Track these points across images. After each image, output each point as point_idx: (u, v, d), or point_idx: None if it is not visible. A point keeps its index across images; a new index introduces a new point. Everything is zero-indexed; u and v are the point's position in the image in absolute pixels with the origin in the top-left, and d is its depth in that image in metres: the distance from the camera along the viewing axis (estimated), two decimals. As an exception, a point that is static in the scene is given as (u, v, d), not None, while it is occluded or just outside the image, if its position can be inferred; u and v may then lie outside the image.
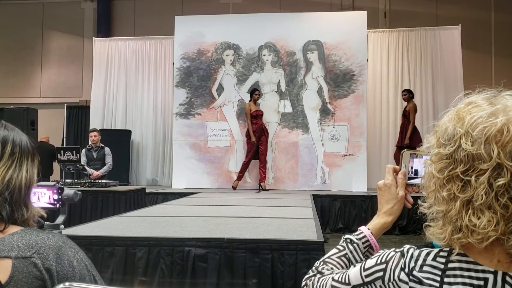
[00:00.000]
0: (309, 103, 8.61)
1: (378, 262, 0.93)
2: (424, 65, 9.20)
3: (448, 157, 0.84)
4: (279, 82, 8.72)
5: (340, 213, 7.19)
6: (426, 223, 0.90)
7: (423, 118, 9.07)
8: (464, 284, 0.83)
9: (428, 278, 0.85)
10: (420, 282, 0.86)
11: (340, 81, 8.55)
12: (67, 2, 11.95)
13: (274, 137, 8.64)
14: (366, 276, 0.94)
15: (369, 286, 0.93)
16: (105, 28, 11.53)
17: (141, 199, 6.80)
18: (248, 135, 8.26)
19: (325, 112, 8.55)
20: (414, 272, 0.87)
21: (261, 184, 8.18)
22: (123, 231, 3.22)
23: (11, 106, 9.06)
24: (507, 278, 0.81)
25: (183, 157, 8.79)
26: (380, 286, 0.92)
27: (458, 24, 9.06)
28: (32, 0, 12.11)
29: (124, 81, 9.94)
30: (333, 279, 1.00)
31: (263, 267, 2.68)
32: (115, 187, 6.60)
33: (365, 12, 8.77)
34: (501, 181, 0.78)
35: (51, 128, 11.00)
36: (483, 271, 0.82)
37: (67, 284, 0.90)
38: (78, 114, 11.22)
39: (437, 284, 0.84)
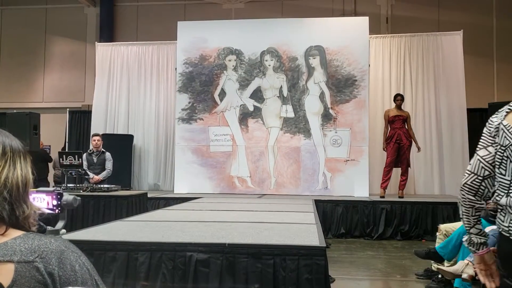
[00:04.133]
0: (311, 108, 8.62)
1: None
2: (426, 70, 9.19)
3: None
4: (281, 87, 8.73)
5: (342, 218, 7.17)
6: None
7: (425, 123, 9.09)
8: None
9: None
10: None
11: (342, 86, 8.55)
12: (70, 7, 12.01)
13: (276, 142, 8.64)
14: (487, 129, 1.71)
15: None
16: (108, 33, 11.57)
17: (143, 204, 6.79)
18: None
19: (327, 117, 8.55)
20: None
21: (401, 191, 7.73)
22: (125, 236, 3.22)
23: (14, 111, 9.07)
24: None
25: (185, 162, 8.79)
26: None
27: (460, 30, 9.07)
28: (35, 6, 12.17)
29: (127, 86, 9.96)
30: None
31: (265, 272, 2.67)
32: (117, 192, 6.59)
33: (367, 17, 8.78)
34: None
35: (54, 133, 11.03)
36: None
37: (70, 289, 0.90)
38: (80, 118, 11.22)
39: None
